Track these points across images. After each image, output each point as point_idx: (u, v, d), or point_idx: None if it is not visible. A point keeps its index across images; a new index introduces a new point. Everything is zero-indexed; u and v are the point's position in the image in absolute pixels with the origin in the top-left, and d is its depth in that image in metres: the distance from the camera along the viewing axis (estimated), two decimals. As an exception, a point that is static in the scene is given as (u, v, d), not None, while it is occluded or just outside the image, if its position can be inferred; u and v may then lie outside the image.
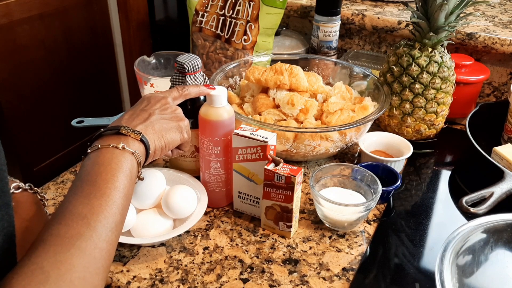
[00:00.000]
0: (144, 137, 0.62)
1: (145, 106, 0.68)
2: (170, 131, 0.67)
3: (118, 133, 0.60)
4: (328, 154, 0.95)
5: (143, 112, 0.66)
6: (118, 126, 0.61)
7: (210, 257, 0.74)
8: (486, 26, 1.21)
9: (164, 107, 0.69)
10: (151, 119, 0.65)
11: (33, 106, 1.90)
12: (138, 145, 0.60)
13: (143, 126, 0.63)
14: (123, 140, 0.59)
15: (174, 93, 0.73)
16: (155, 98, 0.70)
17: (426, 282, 0.70)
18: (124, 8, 2.09)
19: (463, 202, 0.80)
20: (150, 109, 0.67)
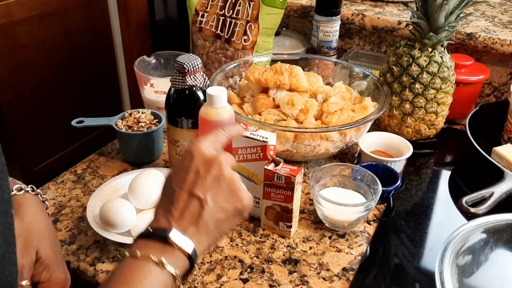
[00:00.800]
0: (195, 252, 0.51)
1: (194, 183, 0.53)
2: (227, 222, 0.54)
3: (164, 241, 0.50)
4: (328, 154, 0.95)
5: (193, 201, 0.52)
6: (166, 230, 0.50)
7: (210, 257, 0.74)
8: (486, 26, 1.21)
9: (218, 181, 0.53)
10: (204, 216, 0.52)
11: (33, 106, 1.90)
12: (183, 262, 0.50)
13: (195, 230, 0.51)
14: (168, 253, 0.49)
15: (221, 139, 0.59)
16: (206, 162, 0.54)
17: (426, 282, 0.70)
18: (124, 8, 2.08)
19: (463, 202, 0.80)
20: (202, 189, 0.53)
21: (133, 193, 0.76)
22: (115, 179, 0.84)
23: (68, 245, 0.76)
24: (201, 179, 0.53)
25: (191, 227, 0.51)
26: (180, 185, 0.53)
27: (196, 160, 0.54)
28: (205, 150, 0.54)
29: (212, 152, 0.55)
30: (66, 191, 0.88)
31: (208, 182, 0.53)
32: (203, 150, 0.54)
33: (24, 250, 0.58)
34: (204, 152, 0.54)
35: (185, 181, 0.53)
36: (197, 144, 0.55)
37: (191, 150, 0.55)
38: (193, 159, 0.54)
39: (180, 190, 0.52)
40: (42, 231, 0.61)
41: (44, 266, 0.59)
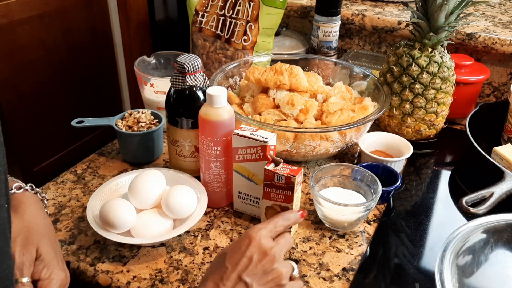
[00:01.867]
0: None
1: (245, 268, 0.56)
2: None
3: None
4: (328, 154, 0.95)
5: (240, 285, 0.56)
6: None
7: (210, 257, 0.74)
8: (486, 26, 1.21)
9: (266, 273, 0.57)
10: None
11: (33, 106, 1.90)
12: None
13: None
14: None
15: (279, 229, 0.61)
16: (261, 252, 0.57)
17: (426, 282, 0.70)
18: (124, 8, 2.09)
19: (463, 202, 0.80)
20: (251, 276, 0.56)
21: (133, 193, 0.76)
22: (115, 179, 0.84)
23: (68, 245, 0.76)
24: (253, 267, 0.56)
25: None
26: (232, 265, 0.56)
27: (252, 247, 0.57)
28: (263, 240, 0.58)
29: (269, 243, 0.58)
30: (66, 191, 0.88)
31: (258, 272, 0.56)
32: (262, 240, 0.58)
33: (24, 247, 0.58)
34: (262, 242, 0.57)
35: (238, 264, 0.56)
36: (258, 231, 0.58)
37: (251, 235, 0.58)
38: (250, 245, 0.57)
39: (232, 271, 0.56)
40: (42, 229, 0.61)
41: (44, 264, 0.59)
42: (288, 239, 0.61)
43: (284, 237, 0.60)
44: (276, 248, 0.58)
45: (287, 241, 0.60)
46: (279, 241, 0.59)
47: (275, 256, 0.57)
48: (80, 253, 0.74)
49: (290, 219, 0.63)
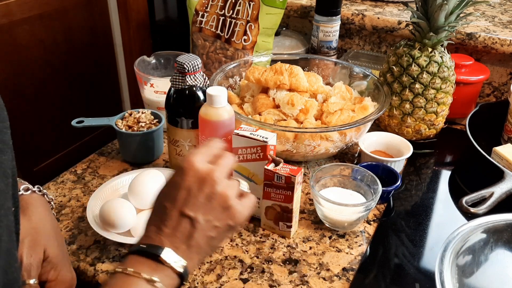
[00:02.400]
0: (186, 270, 0.50)
1: (186, 202, 0.52)
2: (218, 239, 0.54)
3: (156, 259, 0.49)
4: (328, 154, 0.95)
5: (185, 220, 0.51)
6: (160, 248, 0.50)
7: (210, 257, 0.74)
8: (486, 26, 1.21)
9: (210, 199, 0.52)
10: (195, 235, 0.51)
11: (33, 106, 1.90)
12: (173, 280, 0.50)
13: (186, 248, 0.51)
14: (159, 271, 0.49)
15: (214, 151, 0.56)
16: (198, 179, 0.52)
17: (426, 282, 0.70)
18: (124, 8, 2.08)
19: (463, 202, 0.80)
20: (193, 208, 0.51)
21: (133, 193, 0.76)
22: (115, 179, 0.84)
23: (68, 245, 0.75)
24: (193, 198, 0.51)
25: (182, 246, 0.51)
26: (171, 202, 0.52)
27: (188, 177, 0.52)
28: (198, 165, 0.53)
29: (205, 167, 0.53)
30: (66, 191, 0.88)
31: (200, 201, 0.52)
32: (196, 166, 0.52)
33: (32, 249, 0.58)
34: (197, 168, 0.52)
35: (176, 199, 0.52)
36: (190, 159, 0.53)
37: (184, 165, 0.53)
38: (185, 176, 0.52)
39: (172, 208, 0.52)
40: (49, 231, 0.62)
41: (51, 265, 0.60)
42: (228, 158, 0.56)
43: (224, 157, 0.55)
44: (215, 171, 0.53)
45: (226, 160, 0.55)
46: (217, 162, 0.54)
47: (215, 179, 0.52)
48: (80, 253, 0.74)
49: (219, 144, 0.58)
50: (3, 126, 0.45)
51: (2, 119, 0.45)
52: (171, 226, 0.51)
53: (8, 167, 0.44)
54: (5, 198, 0.43)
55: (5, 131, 0.45)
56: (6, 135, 0.45)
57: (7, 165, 0.43)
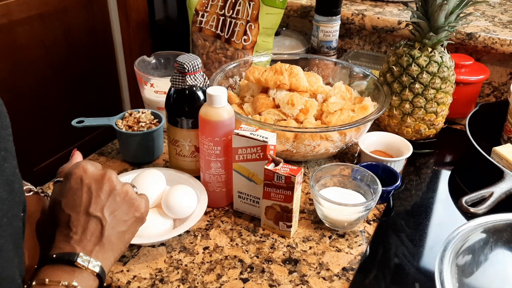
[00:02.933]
0: (102, 270, 0.51)
1: (89, 203, 0.53)
2: (129, 232, 0.56)
3: (72, 265, 0.50)
4: (328, 154, 0.95)
5: (92, 221, 0.52)
6: (73, 254, 0.50)
7: (210, 257, 0.74)
8: (486, 26, 1.21)
9: (112, 196, 0.54)
10: (105, 234, 0.52)
11: (33, 106, 1.90)
12: (93, 281, 0.51)
13: (99, 248, 0.52)
14: (77, 275, 0.49)
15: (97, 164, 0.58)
16: (96, 180, 0.54)
17: (426, 282, 0.70)
18: (124, 8, 2.09)
19: (463, 202, 0.80)
20: (98, 208, 0.53)
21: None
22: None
23: (68, 245, 0.75)
24: (95, 198, 0.53)
25: (95, 247, 0.52)
26: (74, 208, 0.52)
27: (86, 180, 0.53)
28: (91, 168, 0.55)
29: (98, 170, 0.55)
30: (66, 191, 0.88)
31: (102, 199, 0.53)
32: (90, 169, 0.54)
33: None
34: (91, 171, 0.54)
35: (78, 204, 0.52)
36: (81, 165, 0.55)
37: (76, 172, 0.54)
38: (82, 180, 0.53)
39: (76, 214, 0.52)
40: None
41: None
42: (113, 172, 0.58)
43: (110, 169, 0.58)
44: (109, 172, 0.55)
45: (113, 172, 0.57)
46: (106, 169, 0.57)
47: (111, 178, 0.54)
48: (80, 253, 0.74)
49: None
50: (6, 134, 0.45)
51: (5, 126, 0.45)
52: (79, 232, 0.52)
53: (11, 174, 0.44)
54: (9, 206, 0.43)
55: (8, 138, 0.45)
56: (9, 142, 0.45)
57: (10, 172, 0.44)
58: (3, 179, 0.42)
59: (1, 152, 0.43)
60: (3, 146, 0.43)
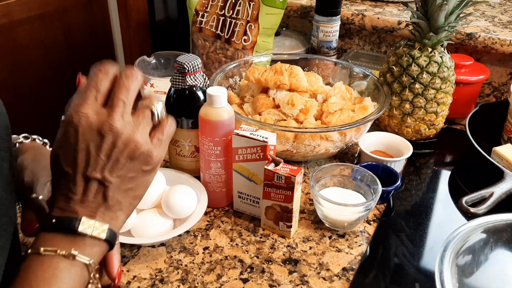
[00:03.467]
0: (112, 233, 0.45)
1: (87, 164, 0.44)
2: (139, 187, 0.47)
3: (73, 232, 0.43)
4: (328, 154, 0.95)
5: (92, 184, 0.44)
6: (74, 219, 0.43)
7: (210, 257, 0.74)
8: (486, 26, 1.21)
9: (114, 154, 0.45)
10: (110, 194, 0.45)
11: (33, 106, 1.90)
12: (99, 248, 0.45)
13: (105, 209, 0.45)
14: (78, 243, 0.43)
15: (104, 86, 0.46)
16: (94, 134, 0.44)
17: (426, 282, 0.70)
18: (124, 8, 2.08)
19: (463, 202, 0.80)
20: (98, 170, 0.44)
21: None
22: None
23: (68, 245, 0.75)
24: (93, 158, 0.44)
25: (100, 208, 0.45)
26: (71, 167, 0.44)
27: (82, 136, 0.43)
28: (89, 117, 0.44)
29: (97, 117, 0.44)
30: (66, 191, 0.88)
31: (103, 159, 0.44)
32: (87, 118, 0.44)
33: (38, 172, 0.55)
34: (89, 121, 0.44)
35: (76, 163, 0.44)
36: (79, 110, 0.44)
37: (73, 121, 0.44)
38: (77, 134, 0.44)
39: (74, 173, 0.44)
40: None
41: None
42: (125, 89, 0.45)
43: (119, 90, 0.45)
44: (111, 116, 0.44)
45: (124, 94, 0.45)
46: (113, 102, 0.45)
47: (114, 128, 0.43)
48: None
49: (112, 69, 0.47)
50: (5, 134, 0.45)
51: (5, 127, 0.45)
52: (79, 192, 0.44)
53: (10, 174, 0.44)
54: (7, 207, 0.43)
55: (7, 138, 0.45)
56: (8, 142, 0.45)
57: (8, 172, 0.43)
58: (2, 178, 0.42)
59: (1, 152, 0.42)
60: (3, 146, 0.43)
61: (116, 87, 0.46)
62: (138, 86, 0.46)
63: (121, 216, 0.47)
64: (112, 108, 0.44)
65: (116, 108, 0.44)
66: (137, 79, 0.46)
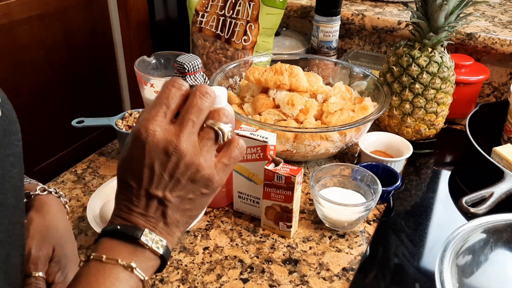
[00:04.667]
0: (168, 251, 0.46)
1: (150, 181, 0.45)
2: (197, 209, 0.48)
3: (135, 242, 0.44)
4: (328, 154, 0.95)
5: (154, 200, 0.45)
6: (137, 228, 0.44)
7: (210, 257, 0.74)
8: (486, 26, 1.21)
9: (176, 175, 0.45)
10: (169, 213, 0.46)
11: (33, 106, 1.90)
12: (154, 263, 0.45)
13: (164, 225, 0.46)
14: (138, 255, 0.44)
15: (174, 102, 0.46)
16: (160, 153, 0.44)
17: (426, 282, 0.70)
18: (124, 8, 2.09)
19: (463, 202, 0.80)
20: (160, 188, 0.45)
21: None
22: (115, 179, 0.84)
23: (68, 245, 0.76)
24: (157, 176, 0.45)
25: (159, 223, 0.46)
26: (136, 181, 0.45)
27: (149, 152, 0.44)
28: (157, 134, 0.44)
29: (165, 135, 0.44)
30: (66, 191, 0.88)
31: (166, 179, 0.45)
32: (155, 136, 0.44)
33: (41, 244, 0.57)
34: (156, 139, 0.44)
35: (140, 178, 0.45)
36: (147, 126, 0.44)
37: (141, 135, 0.44)
38: (144, 150, 0.44)
39: (138, 187, 0.45)
40: (61, 232, 0.60)
41: (59, 267, 0.58)
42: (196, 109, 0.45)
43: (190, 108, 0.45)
44: (179, 138, 0.44)
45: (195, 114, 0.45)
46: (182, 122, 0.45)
47: (180, 149, 0.44)
48: (80, 253, 0.74)
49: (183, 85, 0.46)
50: (15, 139, 0.44)
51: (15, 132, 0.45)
52: (142, 206, 0.45)
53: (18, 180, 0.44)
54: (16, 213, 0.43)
55: (17, 144, 0.45)
56: (18, 147, 0.45)
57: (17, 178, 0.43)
58: (11, 185, 0.42)
59: (10, 157, 0.42)
60: (12, 152, 0.43)
61: (189, 105, 0.45)
62: (212, 106, 0.46)
63: (177, 233, 0.48)
64: (181, 127, 0.44)
65: (184, 128, 0.44)
66: (210, 98, 0.46)
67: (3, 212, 0.40)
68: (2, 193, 0.40)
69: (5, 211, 0.40)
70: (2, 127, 0.42)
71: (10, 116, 0.44)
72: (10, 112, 0.45)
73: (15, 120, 0.45)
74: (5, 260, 0.41)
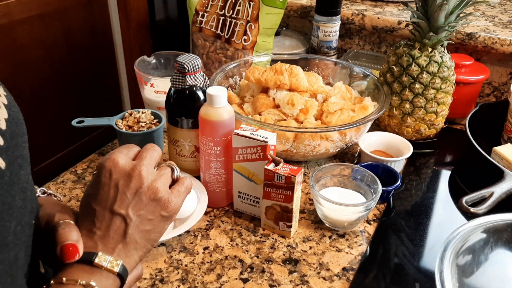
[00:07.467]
0: (124, 269, 0.50)
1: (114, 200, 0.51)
2: (155, 232, 0.53)
3: (91, 264, 0.48)
4: (328, 154, 0.95)
5: (116, 218, 0.50)
6: (92, 253, 0.48)
7: (210, 257, 0.74)
8: (486, 26, 1.21)
9: (139, 194, 0.52)
10: (129, 232, 0.51)
11: (33, 106, 1.90)
12: (114, 281, 0.49)
13: (122, 246, 0.50)
14: (96, 274, 0.47)
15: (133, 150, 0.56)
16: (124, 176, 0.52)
17: (426, 282, 0.70)
18: (124, 8, 2.08)
19: (463, 202, 0.80)
20: (123, 206, 0.51)
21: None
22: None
23: (68, 245, 0.75)
24: (121, 195, 0.51)
25: (118, 245, 0.50)
26: (99, 203, 0.51)
27: (114, 175, 0.52)
28: (122, 162, 0.52)
29: (129, 163, 0.53)
30: (66, 191, 0.88)
31: (129, 198, 0.51)
32: (120, 163, 0.52)
33: None
34: (121, 165, 0.52)
35: (105, 199, 0.51)
36: (113, 157, 0.53)
37: (106, 164, 0.52)
38: (110, 174, 0.52)
39: (101, 209, 0.51)
40: None
41: None
42: (151, 150, 0.55)
43: (146, 150, 0.55)
44: (140, 165, 0.52)
45: (150, 152, 0.55)
46: (141, 156, 0.54)
47: (141, 173, 0.52)
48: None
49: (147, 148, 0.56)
50: (22, 141, 0.45)
51: (22, 134, 0.45)
52: (103, 227, 0.50)
53: (25, 181, 0.44)
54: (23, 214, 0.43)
55: (24, 145, 0.45)
56: (25, 149, 0.45)
57: (24, 179, 0.43)
58: (18, 186, 0.42)
59: (18, 159, 0.42)
60: (20, 154, 0.43)
61: (143, 150, 0.56)
62: (159, 156, 0.56)
63: (135, 255, 0.52)
64: (140, 159, 0.54)
65: (143, 160, 0.54)
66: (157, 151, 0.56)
67: (11, 214, 0.40)
68: (11, 196, 0.40)
69: (12, 213, 0.40)
70: (9, 129, 0.42)
71: (17, 118, 0.44)
72: (17, 114, 0.45)
73: (22, 122, 0.45)
74: (13, 262, 0.41)
